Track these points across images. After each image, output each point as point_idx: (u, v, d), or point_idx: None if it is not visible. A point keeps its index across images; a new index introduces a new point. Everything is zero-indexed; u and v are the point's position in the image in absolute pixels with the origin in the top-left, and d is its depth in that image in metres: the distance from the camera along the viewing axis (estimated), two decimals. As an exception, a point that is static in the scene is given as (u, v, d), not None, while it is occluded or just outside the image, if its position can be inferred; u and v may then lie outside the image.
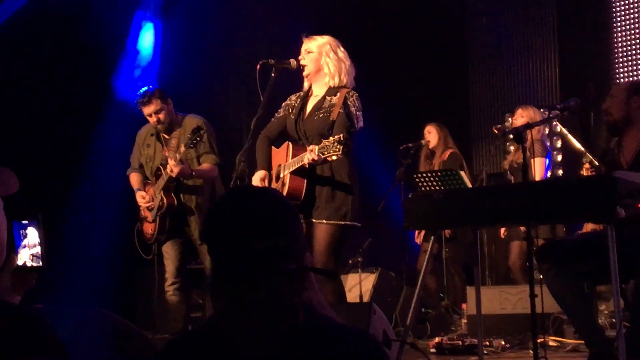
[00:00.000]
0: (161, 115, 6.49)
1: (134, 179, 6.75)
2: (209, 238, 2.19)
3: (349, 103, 5.12)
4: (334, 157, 4.74)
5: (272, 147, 5.49)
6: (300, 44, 5.35)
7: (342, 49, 5.31)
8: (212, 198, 6.42)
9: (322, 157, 4.77)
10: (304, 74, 5.31)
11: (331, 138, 4.75)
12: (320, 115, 5.18)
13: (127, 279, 8.68)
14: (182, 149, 6.26)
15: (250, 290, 2.08)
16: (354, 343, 2.07)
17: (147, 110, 6.50)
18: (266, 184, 5.26)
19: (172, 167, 6.20)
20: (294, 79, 5.48)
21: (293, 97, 5.47)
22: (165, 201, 6.38)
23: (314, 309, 2.11)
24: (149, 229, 6.57)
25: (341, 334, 2.09)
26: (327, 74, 5.24)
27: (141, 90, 6.57)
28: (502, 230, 8.01)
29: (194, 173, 6.34)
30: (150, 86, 6.63)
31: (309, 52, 5.26)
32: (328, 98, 5.21)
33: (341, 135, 4.73)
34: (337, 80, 5.23)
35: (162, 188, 6.40)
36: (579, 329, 5.08)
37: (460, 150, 8.60)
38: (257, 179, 5.29)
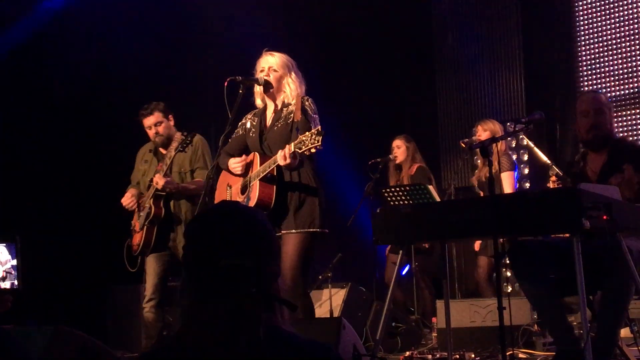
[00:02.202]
0: (160, 129, 6.56)
1: (129, 192, 6.76)
2: (183, 250, 2.21)
3: (306, 107, 5.20)
4: (313, 150, 4.75)
5: None
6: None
7: (296, 68, 5.39)
8: None
9: (300, 152, 4.80)
10: (268, 90, 5.33)
11: (307, 132, 4.78)
12: (280, 125, 5.23)
13: (97, 297, 8.64)
14: (173, 153, 6.34)
15: (210, 307, 2.08)
16: (314, 357, 2.08)
17: (147, 121, 6.59)
18: (242, 161, 5.26)
19: (157, 180, 6.29)
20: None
21: (249, 116, 5.51)
22: (153, 209, 6.39)
23: (275, 326, 2.11)
24: (135, 240, 6.57)
25: (303, 348, 2.09)
26: (285, 92, 5.31)
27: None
28: (477, 243, 7.99)
29: (180, 187, 6.36)
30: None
31: (274, 71, 5.29)
32: (285, 109, 5.28)
33: (319, 127, 4.77)
34: (291, 98, 5.30)
35: (152, 196, 6.43)
36: (549, 327, 5.12)
37: (428, 164, 8.63)
38: (232, 162, 5.30)
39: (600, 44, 9.88)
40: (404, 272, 8.21)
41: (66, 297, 8.43)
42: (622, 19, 9.77)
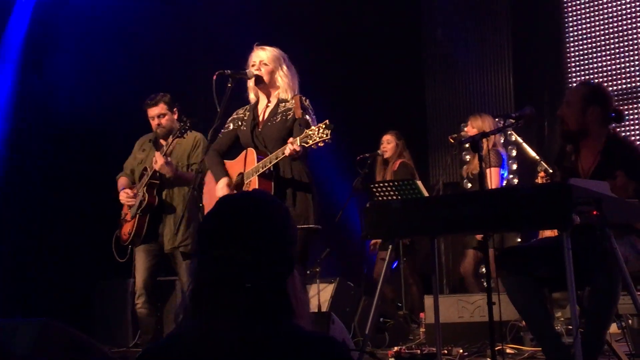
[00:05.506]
0: (163, 121, 6.57)
1: (121, 181, 6.75)
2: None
3: (306, 106, 5.21)
4: (321, 144, 4.75)
5: (225, 160, 5.50)
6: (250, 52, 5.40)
7: (288, 62, 5.39)
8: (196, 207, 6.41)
9: (307, 146, 4.78)
10: (260, 84, 5.32)
11: (313, 127, 4.76)
12: (277, 120, 5.23)
13: (85, 292, 8.61)
14: (171, 139, 6.33)
15: (204, 299, 2.04)
16: (319, 348, 2.02)
17: (152, 112, 6.58)
18: (231, 190, 5.25)
19: (157, 158, 6.27)
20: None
21: (241, 111, 5.50)
22: (146, 198, 6.38)
23: (277, 319, 2.05)
24: (126, 229, 6.55)
25: (305, 341, 2.03)
26: (280, 86, 5.31)
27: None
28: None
29: (177, 172, 6.34)
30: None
31: (265, 64, 5.29)
32: (282, 104, 5.29)
33: (327, 120, 4.76)
34: (287, 93, 5.31)
35: (146, 185, 6.42)
36: (537, 336, 5.11)
37: (417, 159, 8.62)
38: (223, 186, 5.28)
39: (589, 40, 9.91)
40: (393, 267, 8.21)
41: (53, 292, 8.39)
42: (610, 15, 9.79)
